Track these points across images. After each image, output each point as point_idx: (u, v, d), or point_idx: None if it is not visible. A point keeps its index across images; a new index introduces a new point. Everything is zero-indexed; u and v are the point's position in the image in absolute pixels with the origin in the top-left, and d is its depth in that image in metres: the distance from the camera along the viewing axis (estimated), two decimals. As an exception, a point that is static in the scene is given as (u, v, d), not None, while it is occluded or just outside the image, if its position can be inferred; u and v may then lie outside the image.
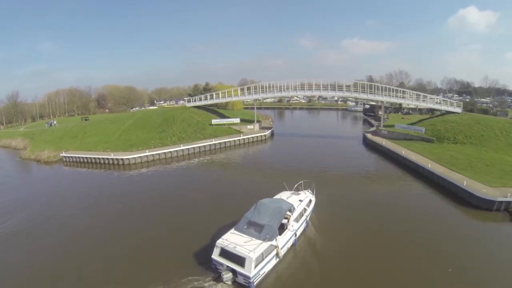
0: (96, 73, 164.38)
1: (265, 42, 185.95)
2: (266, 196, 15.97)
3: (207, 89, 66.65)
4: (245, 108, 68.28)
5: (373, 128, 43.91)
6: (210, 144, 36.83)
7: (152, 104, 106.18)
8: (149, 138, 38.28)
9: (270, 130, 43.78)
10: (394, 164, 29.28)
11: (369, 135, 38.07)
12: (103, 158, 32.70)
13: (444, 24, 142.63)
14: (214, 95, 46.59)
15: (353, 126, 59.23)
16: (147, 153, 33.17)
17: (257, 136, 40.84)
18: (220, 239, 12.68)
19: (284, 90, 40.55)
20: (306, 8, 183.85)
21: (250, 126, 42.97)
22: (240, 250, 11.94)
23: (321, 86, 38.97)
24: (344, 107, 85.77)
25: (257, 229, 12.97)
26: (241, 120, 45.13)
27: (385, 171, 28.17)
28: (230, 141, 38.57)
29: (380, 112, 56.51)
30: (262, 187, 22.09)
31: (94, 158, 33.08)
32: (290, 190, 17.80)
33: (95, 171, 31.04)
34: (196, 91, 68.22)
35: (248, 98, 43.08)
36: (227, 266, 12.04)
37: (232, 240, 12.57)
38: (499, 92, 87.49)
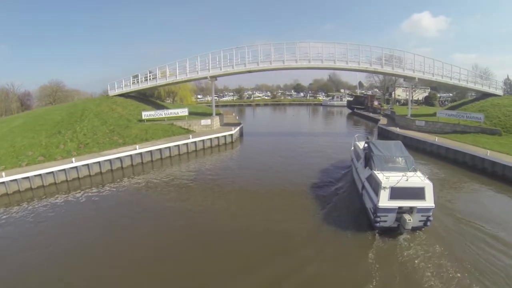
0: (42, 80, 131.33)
1: (220, 45, 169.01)
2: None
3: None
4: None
5: (383, 122, 31.47)
6: (132, 155, 19.53)
7: None
8: (29, 146, 19.67)
9: (238, 127, 28.00)
10: (469, 171, 17.11)
11: (397, 129, 24.75)
12: None
13: (398, 28, 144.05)
14: (149, 76, 28.74)
15: (339, 121, 46.90)
16: (4, 178, 14.95)
17: (218, 137, 24.72)
18: (383, 179, 9.61)
19: (262, 62, 24.97)
20: (262, 10, 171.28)
21: (205, 121, 26.47)
22: (414, 181, 9.55)
23: (323, 56, 24.70)
24: (316, 102, 74.65)
25: (397, 162, 10.71)
26: (191, 113, 28.56)
27: (470, 186, 15.05)
28: (171, 147, 21.59)
29: (376, 103, 45.28)
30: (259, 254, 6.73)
31: None
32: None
33: None
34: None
35: (203, 74, 26.39)
36: (402, 209, 9.36)
37: (393, 175, 9.77)
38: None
